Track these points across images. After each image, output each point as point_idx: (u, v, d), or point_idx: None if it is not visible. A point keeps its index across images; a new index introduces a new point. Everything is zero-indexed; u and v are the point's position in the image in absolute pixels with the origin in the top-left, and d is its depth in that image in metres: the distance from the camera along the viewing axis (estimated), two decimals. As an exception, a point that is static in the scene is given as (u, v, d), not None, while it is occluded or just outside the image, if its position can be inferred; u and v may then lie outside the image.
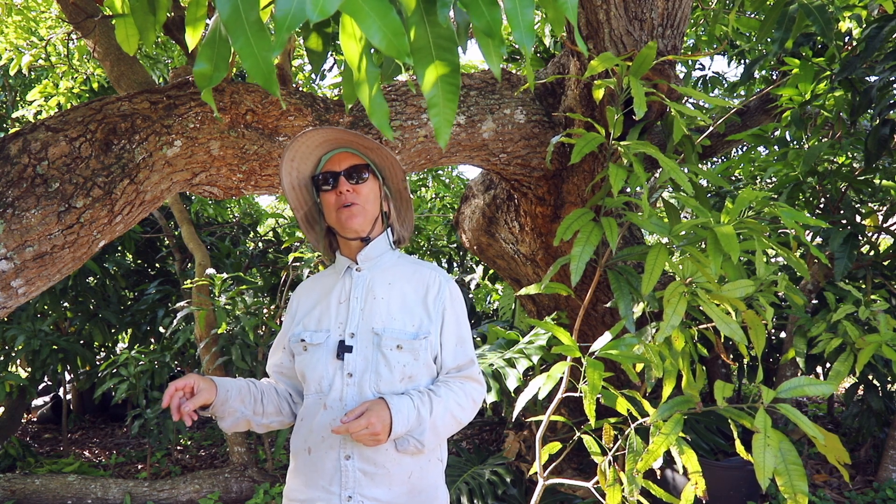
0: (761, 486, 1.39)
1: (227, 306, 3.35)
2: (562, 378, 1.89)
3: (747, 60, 4.19)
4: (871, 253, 3.17)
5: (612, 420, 1.92)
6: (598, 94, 1.88)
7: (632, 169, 1.72)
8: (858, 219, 2.97)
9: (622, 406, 1.77)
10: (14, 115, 4.60)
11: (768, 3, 2.41)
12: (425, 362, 1.35)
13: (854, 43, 2.75)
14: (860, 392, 3.37)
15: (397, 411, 1.23)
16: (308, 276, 3.58)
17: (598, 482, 1.87)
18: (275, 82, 0.83)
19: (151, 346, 4.45)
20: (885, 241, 3.83)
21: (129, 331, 4.56)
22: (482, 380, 1.43)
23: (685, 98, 3.40)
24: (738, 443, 1.62)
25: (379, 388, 1.30)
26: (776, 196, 2.94)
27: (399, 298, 1.36)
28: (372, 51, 0.94)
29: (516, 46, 4.47)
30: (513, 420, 2.75)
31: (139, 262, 5.09)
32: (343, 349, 1.31)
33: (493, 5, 0.85)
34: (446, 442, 1.43)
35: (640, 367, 1.97)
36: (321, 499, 1.28)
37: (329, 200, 1.36)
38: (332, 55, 4.34)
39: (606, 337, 1.80)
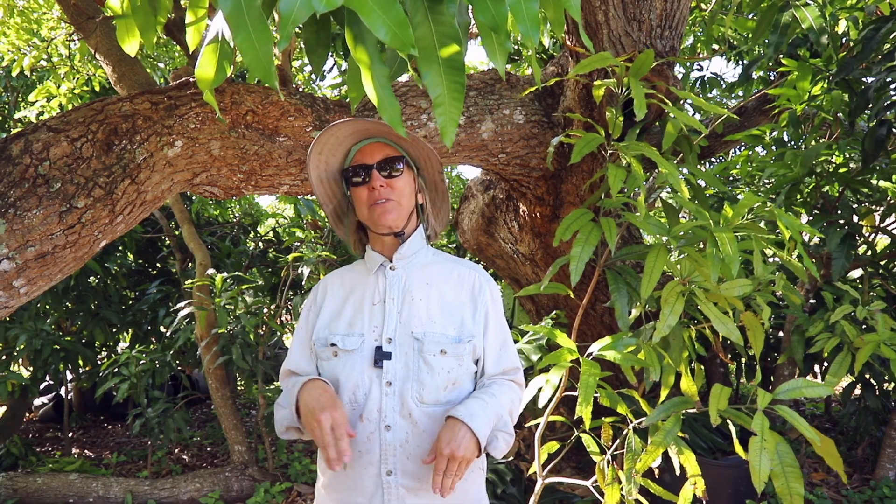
0: (756, 489, 1.40)
1: (227, 306, 3.36)
2: (561, 378, 1.90)
3: (745, 61, 4.20)
4: (868, 253, 3.18)
5: (611, 419, 1.93)
6: (598, 93, 1.88)
7: (630, 169, 1.73)
8: (856, 219, 2.98)
9: (622, 408, 1.78)
10: (16, 116, 4.62)
11: (764, 4, 2.43)
12: (468, 367, 1.26)
13: (851, 44, 2.75)
14: (857, 391, 3.38)
15: (471, 417, 1.13)
16: (302, 273, 3.59)
17: (596, 481, 1.88)
18: (274, 76, 0.83)
19: (152, 346, 4.46)
20: (881, 242, 3.84)
21: (131, 330, 4.58)
22: (524, 384, 1.38)
23: (683, 100, 3.41)
24: (736, 443, 1.63)
25: (422, 398, 1.20)
26: (773, 196, 2.95)
27: (438, 299, 1.26)
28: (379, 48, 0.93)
29: (516, 47, 4.47)
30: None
31: (140, 261, 5.10)
32: (381, 356, 1.20)
33: (499, 0, 0.84)
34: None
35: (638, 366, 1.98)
36: None
37: (361, 196, 1.25)
38: (331, 55, 4.35)
39: (606, 338, 1.81)
